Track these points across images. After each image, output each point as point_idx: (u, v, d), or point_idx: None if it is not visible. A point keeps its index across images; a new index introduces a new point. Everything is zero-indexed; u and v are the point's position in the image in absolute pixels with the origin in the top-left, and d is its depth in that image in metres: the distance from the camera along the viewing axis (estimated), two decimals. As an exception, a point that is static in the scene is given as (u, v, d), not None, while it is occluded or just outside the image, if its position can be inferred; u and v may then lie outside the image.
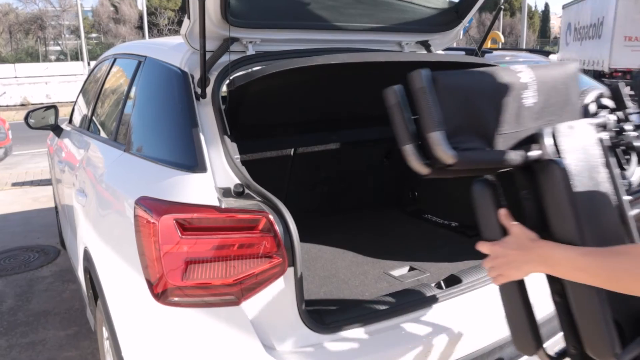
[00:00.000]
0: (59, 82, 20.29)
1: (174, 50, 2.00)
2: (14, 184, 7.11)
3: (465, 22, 2.44)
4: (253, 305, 1.48)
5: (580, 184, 1.17)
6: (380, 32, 2.28)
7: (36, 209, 5.76)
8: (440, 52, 2.56)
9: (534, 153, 1.20)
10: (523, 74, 1.24)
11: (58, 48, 39.38)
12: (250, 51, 1.98)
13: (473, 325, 1.67)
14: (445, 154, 1.09)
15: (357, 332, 1.60)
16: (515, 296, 1.26)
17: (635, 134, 1.61)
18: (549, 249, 1.04)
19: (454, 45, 2.69)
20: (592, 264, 0.95)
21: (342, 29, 2.18)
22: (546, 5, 57.09)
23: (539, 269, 1.06)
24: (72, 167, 2.77)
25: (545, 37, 52.34)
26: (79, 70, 22.42)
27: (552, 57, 6.75)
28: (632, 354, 1.10)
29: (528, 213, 1.20)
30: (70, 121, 3.60)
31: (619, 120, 1.61)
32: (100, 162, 2.26)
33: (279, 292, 1.50)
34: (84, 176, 2.35)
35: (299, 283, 1.51)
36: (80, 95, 3.62)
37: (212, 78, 1.77)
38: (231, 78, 1.73)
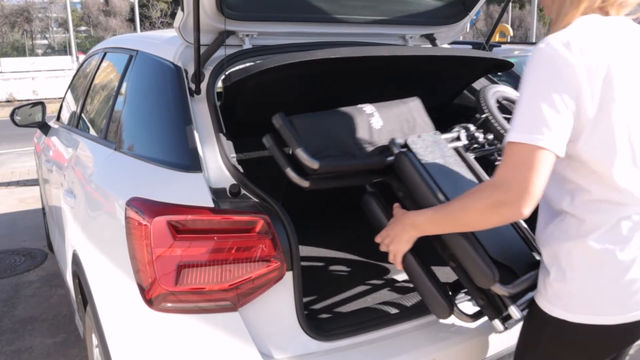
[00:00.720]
0: (47, 78, 20.28)
1: (167, 44, 2.00)
2: (-1, 184, 7.11)
3: (472, 14, 2.44)
4: (250, 311, 1.48)
5: (437, 171, 1.58)
6: (383, 25, 2.28)
7: (22, 211, 5.76)
8: (446, 46, 2.56)
9: (390, 157, 1.61)
10: (366, 108, 1.72)
11: (45, 42, 39.43)
12: (247, 45, 1.97)
13: (480, 331, 1.67)
14: (309, 162, 1.47)
15: (359, 340, 1.60)
16: (416, 267, 1.52)
17: (482, 138, 1.98)
18: (413, 215, 1.38)
19: (461, 38, 2.69)
20: (441, 214, 1.28)
21: (343, 22, 2.18)
22: (557, -3, 56.80)
23: (412, 233, 1.38)
24: (60, 166, 2.77)
25: (556, 30, 52.29)
26: (68, 65, 22.42)
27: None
28: (521, 287, 1.43)
29: (408, 207, 1.52)
30: (58, 118, 3.60)
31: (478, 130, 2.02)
32: (89, 162, 2.26)
33: (277, 297, 1.50)
34: (72, 176, 2.36)
35: (297, 288, 1.51)
36: (69, 91, 3.62)
37: (207, 73, 1.77)
38: (227, 73, 1.73)
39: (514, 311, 1.44)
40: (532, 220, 1.34)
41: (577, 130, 1.13)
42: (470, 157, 1.86)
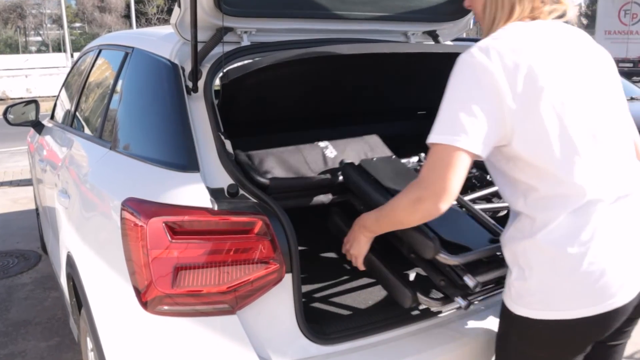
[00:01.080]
0: (40, 75, 20.26)
1: (164, 40, 2.00)
2: (-9, 185, 7.11)
3: (475, 11, 2.43)
4: (248, 314, 1.48)
5: (388, 180, 1.74)
6: (384, 22, 2.28)
7: (16, 211, 5.76)
8: (448, 43, 2.56)
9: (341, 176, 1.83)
10: (320, 143, 2.01)
11: (39, 38, 39.43)
12: (245, 42, 1.97)
13: (482, 335, 1.67)
14: (262, 180, 1.70)
15: (360, 343, 1.60)
16: (376, 263, 1.66)
17: None
18: (364, 217, 1.51)
19: (464, 35, 2.69)
20: (381, 213, 1.41)
21: (344, 18, 2.18)
22: (562, -7, 56.79)
23: (366, 234, 1.52)
24: (54, 166, 2.77)
25: (561, 27, 52.26)
26: (62, 62, 22.39)
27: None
28: (471, 258, 1.56)
29: None
30: (52, 117, 3.60)
31: None
32: (84, 161, 2.26)
33: (276, 300, 1.50)
34: (66, 176, 2.35)
35: (297, 290, 1.51)
36: (63, 90, 3.62)
37: (204, 71, 1.77)
38: (225, 71, 1.73)
39: (467, 281, 1.54)
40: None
41: (507, 131, 1.22)
42: None
